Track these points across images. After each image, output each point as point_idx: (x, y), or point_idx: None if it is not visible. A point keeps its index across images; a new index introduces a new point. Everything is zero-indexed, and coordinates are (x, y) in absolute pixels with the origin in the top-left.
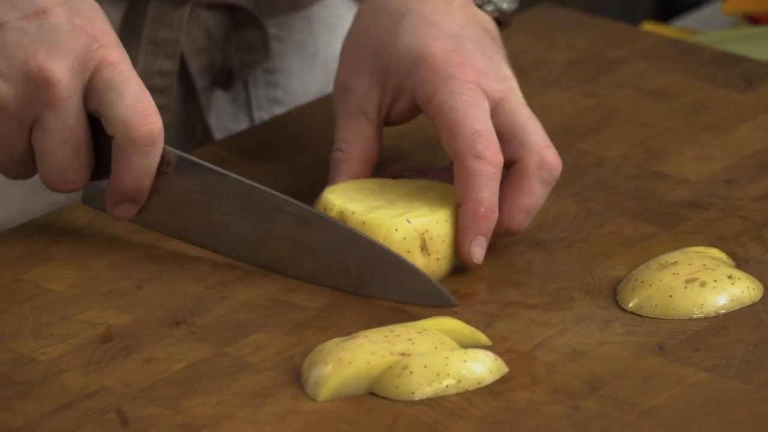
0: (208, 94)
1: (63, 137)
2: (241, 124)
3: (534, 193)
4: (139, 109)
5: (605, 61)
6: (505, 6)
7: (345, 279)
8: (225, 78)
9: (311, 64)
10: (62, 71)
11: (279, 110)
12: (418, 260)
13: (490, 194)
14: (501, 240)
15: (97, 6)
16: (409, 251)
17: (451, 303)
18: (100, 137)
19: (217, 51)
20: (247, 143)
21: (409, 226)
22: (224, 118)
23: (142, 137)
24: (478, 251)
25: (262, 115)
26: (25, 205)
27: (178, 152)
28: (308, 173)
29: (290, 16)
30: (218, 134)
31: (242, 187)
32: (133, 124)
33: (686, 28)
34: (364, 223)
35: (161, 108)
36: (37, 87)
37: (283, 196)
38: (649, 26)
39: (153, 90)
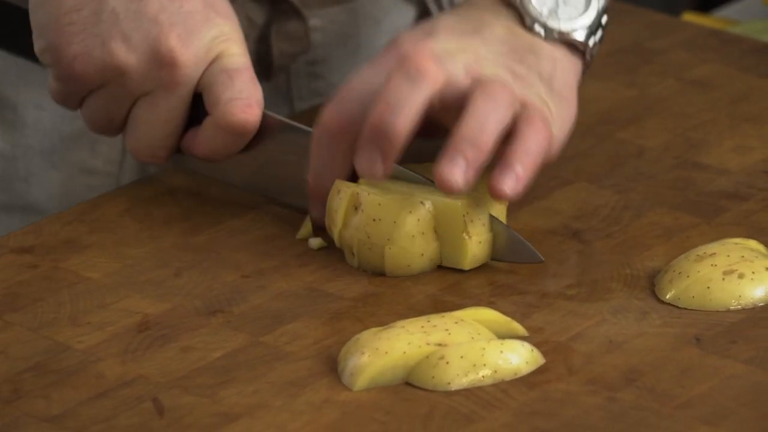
0: None
1: (166, 117)
2: (282, 115)
3: (391, 85)
4: (244, 97)
5: (646, 51)
6: (559, 26)
7: None
8: (265, 67)
9: (354, 57)
10: (189, 57)
11: (321, 103)
12: (432, 243)
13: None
14: (533, 228)
15: (229, 4)
16: (423, 233)
17: (538, 258)
18: (198, 111)
19: (258, 39)
20: None
21: (423, 208)
22: (265, 108)
23: (237, 124)
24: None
25: (303, 106)
26: (65, 187)
27: (268, 113)
28: None
29: (334, 8)
30: None
31: None
32: (234, 110)
33: (727, 18)
34: (380, 204)
35: None
36: (161, 66)
37: None
38: (690, 16)
39: None
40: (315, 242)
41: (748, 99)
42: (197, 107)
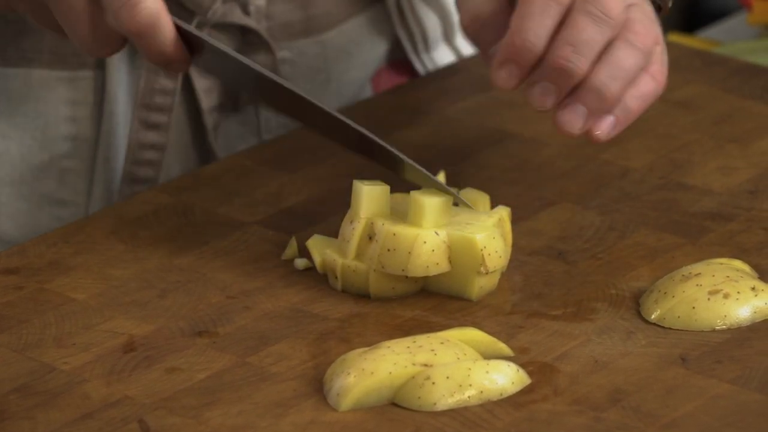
0: (214, 115)
1: (74, 17)
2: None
3: (577, 25)
4: (123, 2)
5: None
6: None
7: None
8: (233, 99)
9: (324, 90)
10: None
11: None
12: (445, 274)
13: (532, 25)
14: (527, 256)
15: None
16: (437, 263)
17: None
18: None
19: None
20: (269, 154)
21: (438, 238)
22: (233, 140)
23: (137, 29)
24: (502, 73)
25: (272, 138)
26: (33, 218)
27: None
28: (331, 183)
29: (303, 41)
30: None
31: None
32: (124, 17)
33: (711, 39)
34: (394, 234)
35: (161, 126)
36: None
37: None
38: (674, 37)
39: (153, 108)
40: (300, 263)
41: (732, 119)
42: None
